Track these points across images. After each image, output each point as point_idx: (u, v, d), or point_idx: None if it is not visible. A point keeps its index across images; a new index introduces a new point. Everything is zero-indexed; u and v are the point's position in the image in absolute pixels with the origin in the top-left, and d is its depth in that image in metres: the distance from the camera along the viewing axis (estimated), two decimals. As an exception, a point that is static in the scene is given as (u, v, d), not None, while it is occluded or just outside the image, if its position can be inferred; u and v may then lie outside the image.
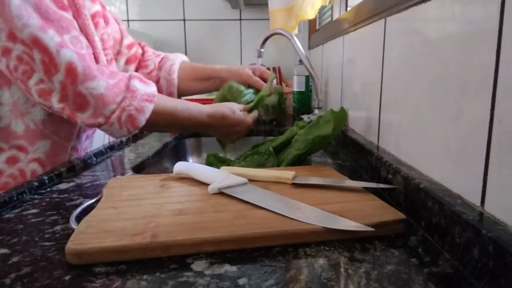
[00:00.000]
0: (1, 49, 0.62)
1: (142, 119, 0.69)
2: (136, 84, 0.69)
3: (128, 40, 0.96)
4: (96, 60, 0.76)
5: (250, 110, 0.86)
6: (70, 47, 0.63)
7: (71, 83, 0.63)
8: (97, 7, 0.82)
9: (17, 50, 0.62)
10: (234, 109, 0.81)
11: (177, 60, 0.98)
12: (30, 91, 0.64)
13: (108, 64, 0.83)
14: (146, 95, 0.69)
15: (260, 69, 0.95)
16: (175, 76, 0.95)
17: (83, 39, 0.67)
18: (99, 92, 0.64)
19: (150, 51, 1.00)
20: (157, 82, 0.97)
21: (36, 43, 0.61)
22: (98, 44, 0.77)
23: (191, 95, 1.03)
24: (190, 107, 0.77)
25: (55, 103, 0.64)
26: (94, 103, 0.65)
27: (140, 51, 0.98)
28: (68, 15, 0.67)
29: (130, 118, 0.68)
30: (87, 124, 0.66)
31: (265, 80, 0.92)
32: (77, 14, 0.71)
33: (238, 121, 0.81)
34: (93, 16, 0.81)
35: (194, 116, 0.77)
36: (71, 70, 0.63)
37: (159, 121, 0.73)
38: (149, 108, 0.69)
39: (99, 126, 0.67)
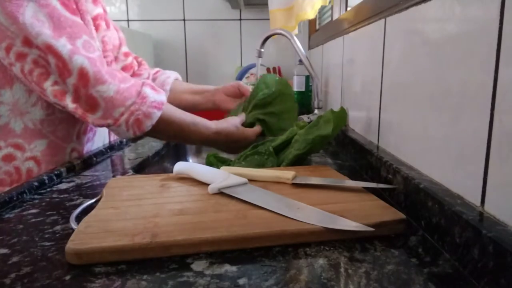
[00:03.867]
0: (16, 54, 0.64)
1: (149, 124, 0.71)
2: (147, 91, 0.72)
3: (125, 48, 0.99)
4: None
5: (248, 125, 0.86)
6: (82, 53, 0.66)
7: (83, 86, 0.66)
8: (99, 10, 0.84)
9: (33, 55, 0.64)
10: (237, 124, 0.83)
11: (173, 75, 1.01)
12: (45, 92, 0.66)
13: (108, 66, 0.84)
14: (155, 102, 0.72)
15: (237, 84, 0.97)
16: (167, 87, 0.98)
17: (94, 43, 0.70)
18: (109, 95, 0.67)
19: (146, 65, 1.03)
20: None
21: (50, 50, 0.63)
22: (100, 48, 0.78)
23: (181, 108, 1.06)
24: (197, 121, 0.79)
25: (69, 103, 0.67)
26: (104, 105, 0.68)
27: (135, 63, 1.01)
28: (79, 20, 0.69)
29: (137, 122, 0.70)
30: (97, 124, 0.69)
31: (242, 94, 0.95)
32: (82, 20, 0.73)
33: (242, 137, 0.83)
34: (95, 19, 0.82)
35: (201, 131, 0.79)
36: (83, 75, 0.65)
37: (165, 130, 0.75)
38: (156, 115, 0.72)
39: (108, 126, 0.70)
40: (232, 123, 0.83)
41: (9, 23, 0.62)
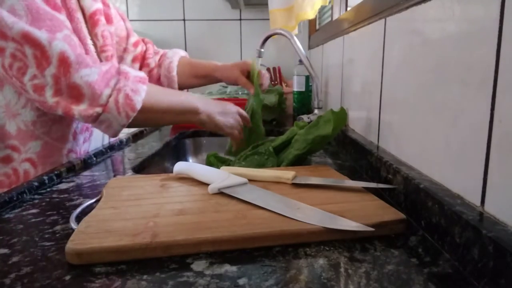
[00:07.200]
0: None
1: (139, 100, 0.68)
2: (126, 68, 0.70)
3: (134, 38, 0.98)
4: None
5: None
6: (62, 40, 0.63)
7: (64, 74, 0.63)
8: (98, 5, 0.83)
9: (10, 48, 0.62)
10: (227, 106, 0.82)
11: (175, 57, 1.01)
12: (25, 87, 0.64)
13: (106, 61, 0.84)
14: (138, 77, 0.70)
15: (246, 64, 0.95)
16: (174, 73, 0.99)
17: (75, 39, 0.68)
18: (93, 79, 0.64)
19: (151, 49, 1.03)
20: (158, 79, 1.01)
21: (27, 39, 0.61)
22: (91, 47, 0.78)
23: (190, 88, 1.09)
24: (182, 93, 0.82)
25: (49, 97, 0.64)
26: (90, 92, 0.64)
27: (144, 48, 1.01)
28: (61, 16, 0.67)
29: (127, 99, 0.67)
30: (85, 116, 0.65)
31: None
32: (70, 17, 0.72)
33: (227, 105, 0.82)
34: (94, 14, 0.81)
35: (185, 99, 0.77)
36: (63, 60, 0.62)
37: (154, 106, 0.72)
38: (143, 88, 0.69)
39: (97, 117, 0.66)
40: (223, 103, 0.82)
41: None
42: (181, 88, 1.03)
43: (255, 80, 0.91)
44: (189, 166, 0.60)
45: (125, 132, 1.04)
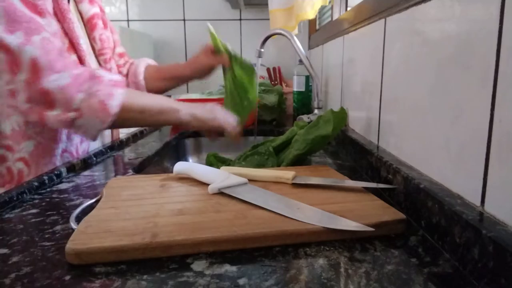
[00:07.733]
0: None
1: (113, 104, 0.66)
2: (101, 72, 0.69)
3: (120, 49, 1.00)
4: (81, 62, 0.77)
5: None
6: (36, 45, 0.62)
7: (35, 80, 0.62)
8: (95, 9, 0.84)
9: None
10: (208, 105, 0.79)
11: (141, 63, 1.02)
12: (2, 93, 0.64)
13: (105, 63, 0.85)
14: (113, 81, 0.68)
15: (207, 44, 0.94)
16: (141, 77, 0.99)
17: (56, 41, 0.66)
18: (65, 82, 0.63)
19: (125, 59, 1.04)
20: (127, 86, 1.00)
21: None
22: (84, 47, 0.78)
23: (159, 93, 1.05)
24: (160, 96, 0.78)
25: (22, 103, 0.63)
26: (62, 96, 0.63)
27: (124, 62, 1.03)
28: (41, 20, 0.66)
29: (102, 104, 0.65)
30: (59, 121, 0.64)
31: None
32: (62, 18, 0.73)
33: (207, 104, 0.80)
34: (92, 18, 0.83)
35: (161, 99, 0.76)
36: (34, 66, 0.62)
37: (130, 106, 0.69)
38: (118, 92, 0.68)
39: (72, 122, 0.65)
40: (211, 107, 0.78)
41: None
42: (149, 92, 1.00)
43: (221, 46, 0.89)
44: (189, 166, 0.60)
45: (125, 132, 1.04)
